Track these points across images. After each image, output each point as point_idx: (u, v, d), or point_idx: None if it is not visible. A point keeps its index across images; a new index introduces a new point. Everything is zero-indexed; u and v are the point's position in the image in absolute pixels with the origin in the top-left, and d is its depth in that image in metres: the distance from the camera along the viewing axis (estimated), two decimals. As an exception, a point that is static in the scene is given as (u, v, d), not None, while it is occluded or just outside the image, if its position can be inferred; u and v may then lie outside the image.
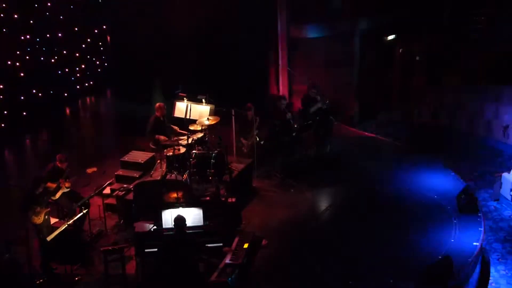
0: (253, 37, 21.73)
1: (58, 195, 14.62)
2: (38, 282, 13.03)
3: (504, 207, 17.45)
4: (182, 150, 15.93)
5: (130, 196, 15.17)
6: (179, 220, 11.86)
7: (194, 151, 15.90)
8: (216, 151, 15.85)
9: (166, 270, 11.87)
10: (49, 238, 13.10)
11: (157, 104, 17.26)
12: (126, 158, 17.11)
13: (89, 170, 15.15)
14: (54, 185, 14.47)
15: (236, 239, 12.55)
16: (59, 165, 14.80)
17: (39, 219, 13.47)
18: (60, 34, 24.00)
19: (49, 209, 13.80)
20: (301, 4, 21.52)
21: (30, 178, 14.65)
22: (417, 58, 24.00)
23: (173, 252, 11.74)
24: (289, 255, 13.98)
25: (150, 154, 17.09)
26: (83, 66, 25.28)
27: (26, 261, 13.42)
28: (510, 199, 17.35)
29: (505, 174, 17.64)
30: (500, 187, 17.78)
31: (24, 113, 22.23)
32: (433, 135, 21.51)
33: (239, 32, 21.96)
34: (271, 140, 18.08)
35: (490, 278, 14.45)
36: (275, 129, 18.20)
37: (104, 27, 26.24)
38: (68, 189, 14.77)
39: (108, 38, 26.48)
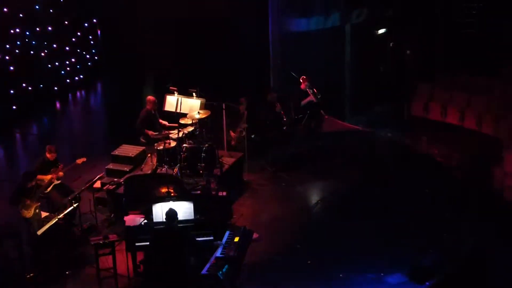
0: (244, 30, 21.72)
1: (49, 188, 14.59)
2: (28, 276, 13.01)
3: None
4: (173, 144, 15.91)
5: (121, 190, 15.15)
6: (171, 213, 11.84)
7: (184, 145, 15.88)
8: (207, 145, 15.83)
9: (157, 264, 11.89)
10: (39, 232, 13.06)
11: (148, 97, 17.19)
12: (116, 152, 17.08)
13: (79, 161, 15.10)
14: (45, 177, 14.44)
15: (227, 233, 12.55)
16: (48, 156, 14.77)
17: (29, 213, 13.42)
18: (50, 28, 23.92)
19: (39, 203, 13.75)
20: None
21: (20, 172, 14.62)
22: (408, 52, 23.99)
23: (164, 246, 11.73)
24: (280, 248, 13.99)
25: (140, 148, 17.05)
26: (73, 59, 25.21)
27: (17, 255, 13.40)
28: None
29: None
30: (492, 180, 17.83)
31: (14, 107, 22.16)
32: (425, 129, 21.53)
33: (232, 25, 21.95)
34: (261, 134, 18.08)
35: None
36: (265, 122, 18.20)
37: (95, 20, 26.17)
38: (59, 181, 14.74)
39: (99, 31, 26.41)
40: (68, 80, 25.05)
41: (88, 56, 26.11)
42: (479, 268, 12.67)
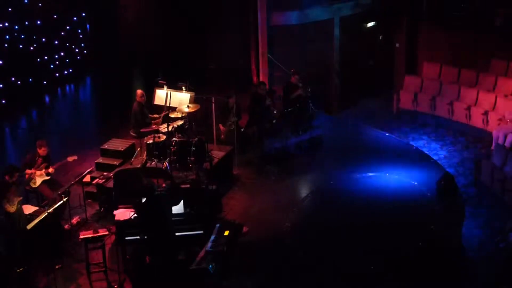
0: (234, 24, 21.74)
1: (38, 183, 14.57)
2: (18, 271, 12.99)
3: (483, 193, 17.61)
4: (162, 137, 15.90)
5: (110, 184, 15.13)
6: (148, 186, 12.07)
7: (174, 139, 15.87)
8: (196, 139, 15.83)
9: (147, 254, 12.00)
10: (29, 227, 13.05)
11: (139, 91, 17.18)
12: (106, 145, 17.06)
13: (70, 158, 15.10)
14: (34, 171, 14.44)
15: (217, 227, 12.56)
16: (39, 151, 14.74)
17: (13, 208, 13.31)
18: (39, 22, 23.83)
19: (21, 198, 13.67)
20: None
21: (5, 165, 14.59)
22: (397, 45, 24.04)
23: (150, 212, 11.93)
24: (270, 242, 14.00)
25: (130, 142, 17.05)
26: (62, 53, 25.12)
27: (5, 249, 13.37)
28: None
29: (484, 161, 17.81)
30: (480, 173, 17.94)
31: (3, 101, 22.10)
32: (413, 122, 21.62)
33: (220, 18, 21.96)
34: (251, 127, 18.09)
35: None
36: (255, 116, 18.21)
37: (83, 14, 26.09)
38: (49, 177, 14.73)
39: (87, 25, 26.33)
40: (57, 74, 24.98)
41: (77, 50, 26.02)
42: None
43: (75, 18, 25.77)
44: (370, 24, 23.92)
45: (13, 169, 13.70)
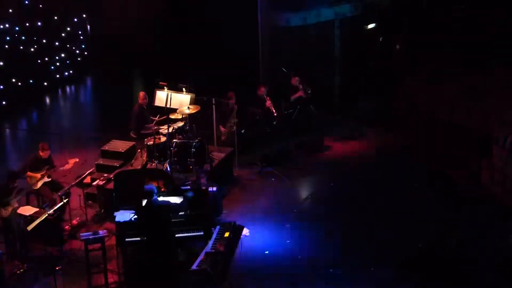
0: (235, 24, 21.72)
1: (38, 184, 14.58)
2: (18, 272, 13.01)
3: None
4: (163, 139, 15.92)
5: (111, 185, 15.14)
6: (147, 190, 12.07)
7: (174, 140, 15.88)
8: (196, 140, 15.84)
9: (147, 258, 12.00)
10: (29, 228, 13.07)
11: (141, 93, 17.20)
12: (106, 147, 17.07)
13: (71, 161, 15.12)
14: (35, 175, 14.45)
15: (217, 228, 12.57)
16: (41, 153, 14.75)
17: (7, 213, 13.32)
18: (39, 23, 23.87)
19: (17, 205, 13.68)
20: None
21: (7, 169, 14.61)
22: (397, 46, 24.04)
23: (150, 214, 11.93)
24: (270, 243, 14.01)
25: (130, 143, 17.05)
26: (63, 55, 25.15)
27: (6, 251, 13.40)
28: None
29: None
30: (480, 174, 17.91)
31: (4, 103, 22.12)
32: (413, 123, 21.58)
33: (221, 19, 21.95)
34: (251, 129, 18.11)
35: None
36: (255, 117, 18.22)
37: (84, 15, 26.12)
38: (50, 179, 14.75)
39: (88, 26, 26.36)
40: (57, 75, 25.02)
41: (77, 51, 26.07)
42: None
43: (75, 19, 25.81)
44: (371, 26, 23.91)
45: (14, 175, 13.70)
